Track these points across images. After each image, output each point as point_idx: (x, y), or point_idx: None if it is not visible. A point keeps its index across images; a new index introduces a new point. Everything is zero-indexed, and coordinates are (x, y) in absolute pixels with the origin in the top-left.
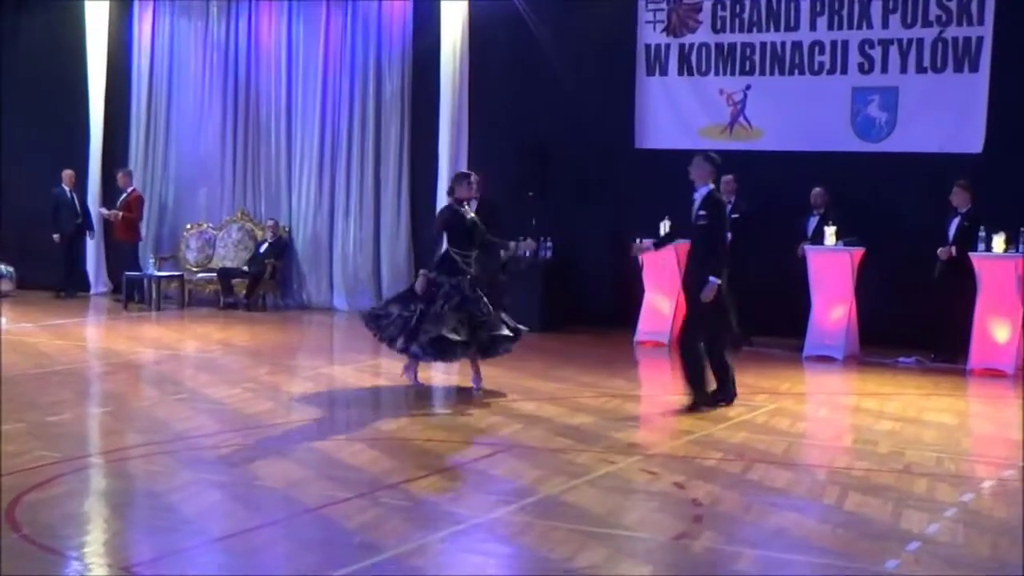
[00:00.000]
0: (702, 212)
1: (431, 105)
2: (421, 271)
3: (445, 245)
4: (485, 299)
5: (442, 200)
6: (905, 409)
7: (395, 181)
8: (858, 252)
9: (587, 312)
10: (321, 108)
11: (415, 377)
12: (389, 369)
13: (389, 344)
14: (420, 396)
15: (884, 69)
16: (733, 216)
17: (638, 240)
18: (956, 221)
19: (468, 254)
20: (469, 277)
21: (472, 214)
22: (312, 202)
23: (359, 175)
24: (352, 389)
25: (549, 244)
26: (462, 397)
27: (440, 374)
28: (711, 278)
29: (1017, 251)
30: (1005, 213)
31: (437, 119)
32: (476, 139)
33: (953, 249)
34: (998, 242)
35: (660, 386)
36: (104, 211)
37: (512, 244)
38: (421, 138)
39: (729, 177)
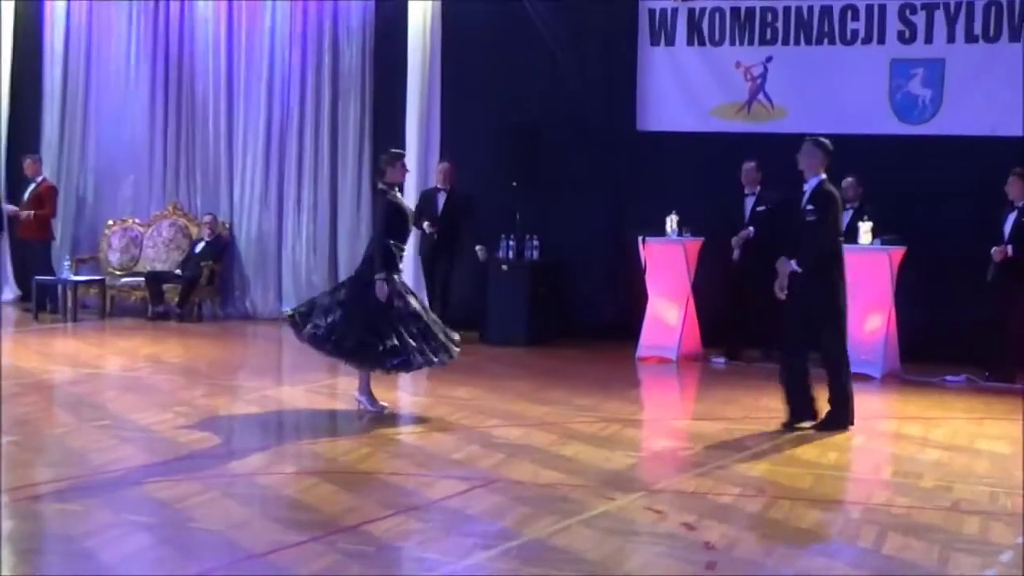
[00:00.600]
0: (810, 206)
1: (397, 81)
2: (376, 276)
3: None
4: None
5: (410, 191)
6: (953, 436)
7: (354, 170)
8: (898, 252)
9: (581, 323)
10: (267, 84)
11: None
12: (348, 390)
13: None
14: (384, 422)
15: (928, 38)
16: (759, 209)
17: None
18: (1012, 216)
19: (404, 248)
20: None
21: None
22: (257, 194)
23: (312, 163)
24: (304, 413)
25: (535, 243)
26: (434, 423)
27: (407, 395)
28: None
29: None
30: None
31: (404, 97)
32: (450, 120)
33: (1009, 248)
34: None
35: (666, 409)
36: (9, 208)
37: (478, 248)
38: (385, 119)
39: (751, 164)
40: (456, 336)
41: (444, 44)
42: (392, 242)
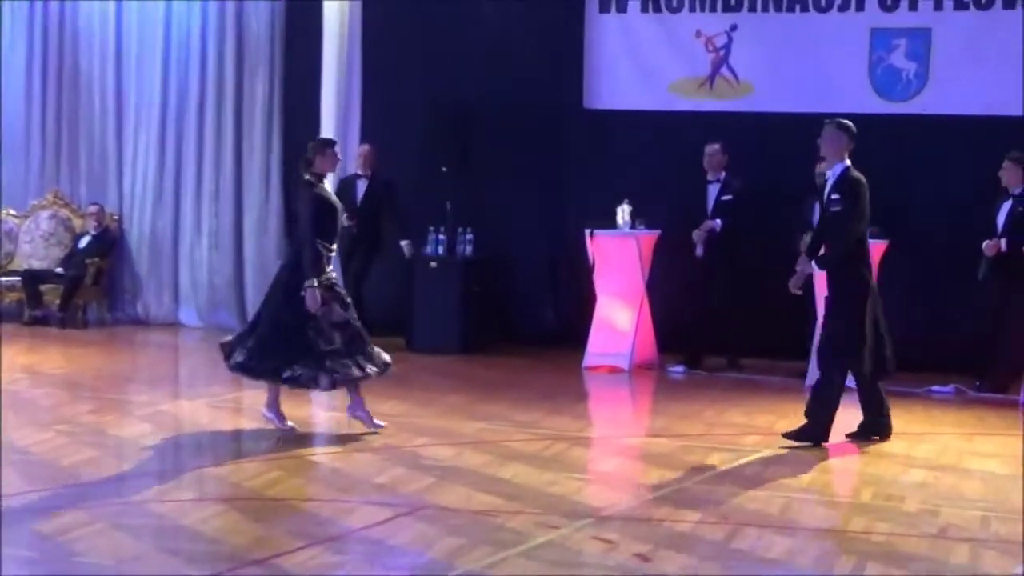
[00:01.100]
0: (835, 196)
1: (311, 53)
2: (307, 283)
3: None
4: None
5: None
6: (941, 454)
7: (262, 155)
8: (879, 246)
9: (521, 328)
10: (163, 57)
11: (280, 419)
12: (255, 405)
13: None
14: (297, 442)
15: (913, 5)
16: (724, 198)
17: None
18: (1007, 206)
19: (333, 248)
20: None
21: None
22: (151, 183)
23: (214, 147)
24: (205, 432)
25: (469, 237)
26: (353, 442)
27: (323, 411)
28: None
29: None
30: None
31: (319, 72)
32: (371, 97)
33: (1003, 242)
34: None
35: (617, 425)
36: None
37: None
38: (298, 97)
39: (715, 147)
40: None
41: (365, 10)
42: (322, 242)
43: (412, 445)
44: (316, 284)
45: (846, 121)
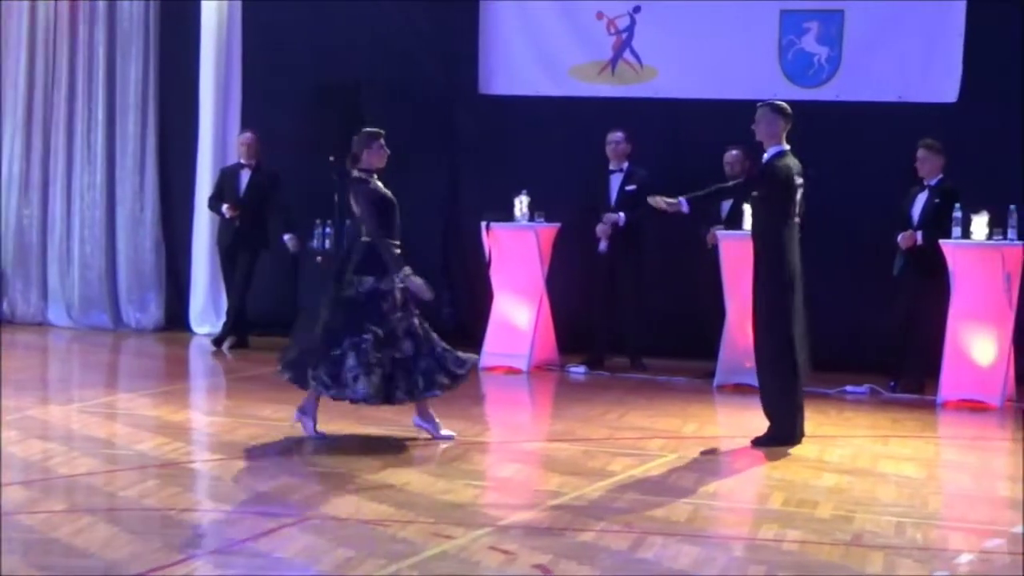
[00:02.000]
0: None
1: (188, 34)
2: (401, 278)
3: (368, 237)
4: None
5: (206, 167)
6: (855, 458)
7: (137, 141)
8: None
9: None
10: (29, 34)
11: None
12: (129, 409)
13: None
14: (176, 448)
15: None
16: (628, 189)
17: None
18: (923, 197)
19: (399, 245)
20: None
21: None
22: (16, 174)
23: (85, 132)
24: (77, 438)
25: None
26: (236, 448)
27: (202, 415)
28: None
29: (1005, 237)
30: (988, 185)
31: (197, 54)
32: (253, 82)
33: (919, 235)
34: (979, 225)
35: (516, 429)
36: None
37: (287, 237)
38: (174, 81)
39: (618, 135)
40: (462, 358)
41: None
42: (392, 241)
43: (297, 452)
44: (409, 272)
45: (780, 102)
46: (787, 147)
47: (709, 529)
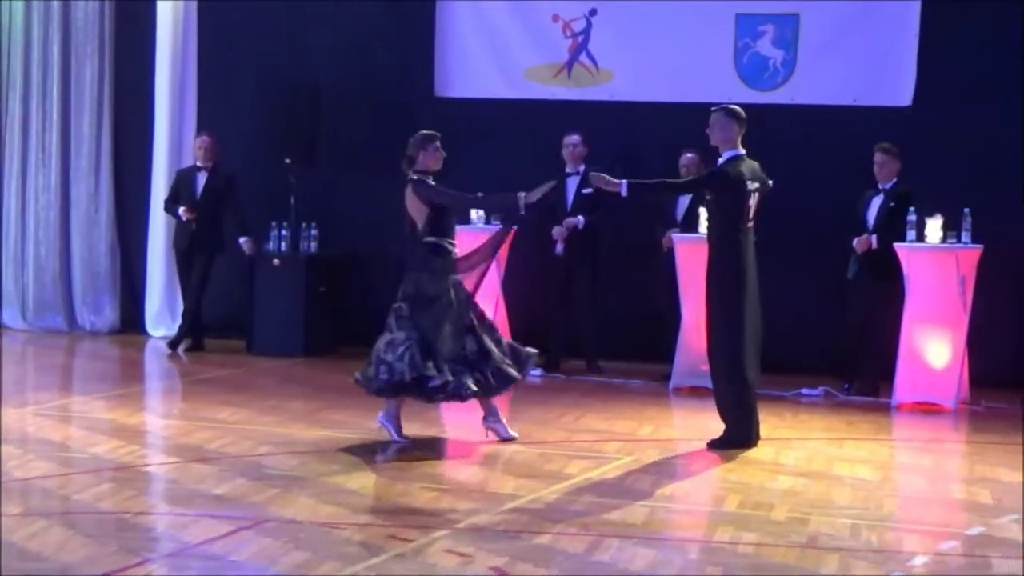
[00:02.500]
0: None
1: (144, 34)
2: (521, 200)
3: (427, 236)
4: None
5: (162, 169)
6: (809, 460)
7: (92, 141)
8: None
9: (369, 329)
10: None
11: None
12: (84, 412)
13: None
14: (131, 451)
15: None
16: (584, 192)
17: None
18: (878, 200)
19: (454, 244)
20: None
21: None
22: None
23: (39, 131)
24: (32, 440)
25: (314, 233)
26: (191, 451)
27: (156, 418)
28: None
29: (959, 240)
30: (942, 188)
31: (152, 54)
32: (209, 84)
33: (874, 239)
34: (933, 228)
35: (472, 432)
36: None
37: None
38: (129, 82)
39: (575, 138)
40: (528, 351)
41: None
42: (448, 240)
43: (254, 454)
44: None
45: (735, 107)
46: (742, 151)
47: (665, 532)
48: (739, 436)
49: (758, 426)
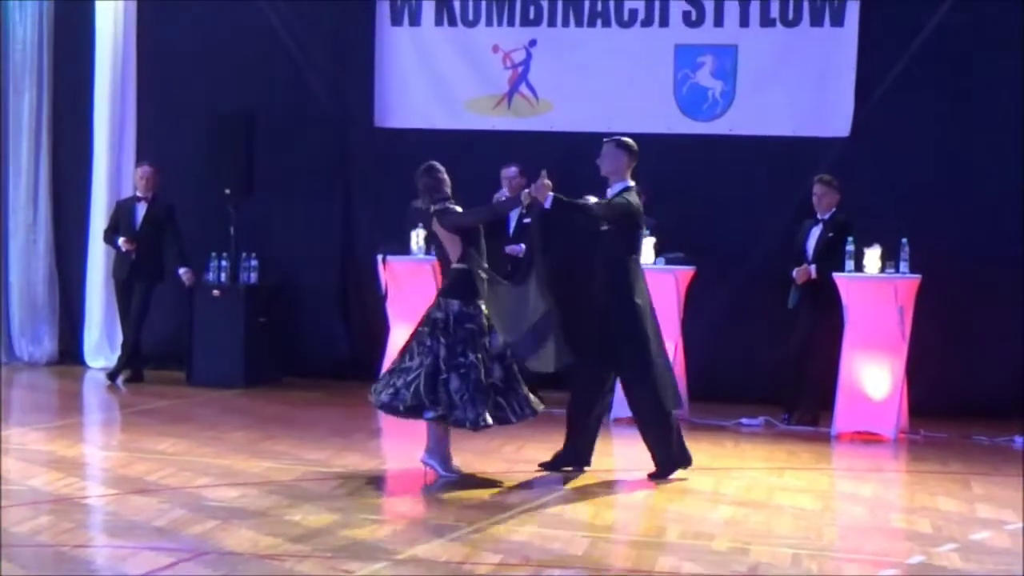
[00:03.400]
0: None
1: (82, 65)
2: (529, 195)
3: (458, 263)
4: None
5: (101, 199)
6: (750, 490)
7: (30, 173)
8: (685, 273)
9: (310, 359)
10: None
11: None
12: (22, 444)
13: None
14: (69, 483)
15: (718, 21)
16: (525, 221)
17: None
18: (817, 230)
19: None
20: None
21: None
22: None
23: None
24: None
25: (254, 262)
26: (130, 483)
27: (96, 449)
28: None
29: (897, 270)
30: (881, 219)
31: (91, 85)
32: (148, 113)
33: (813, 269)
34: (872, 258)
35: (413, 463)
36: None
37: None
38: (67, 112)
39: (513, 170)
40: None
41: (140, 17)
42: (473, 265)
43: (193, 486)
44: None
45: (626, 139)
46: (632, 183)
47: (606, 562)
48: (670, 461)
49: (684, 444)
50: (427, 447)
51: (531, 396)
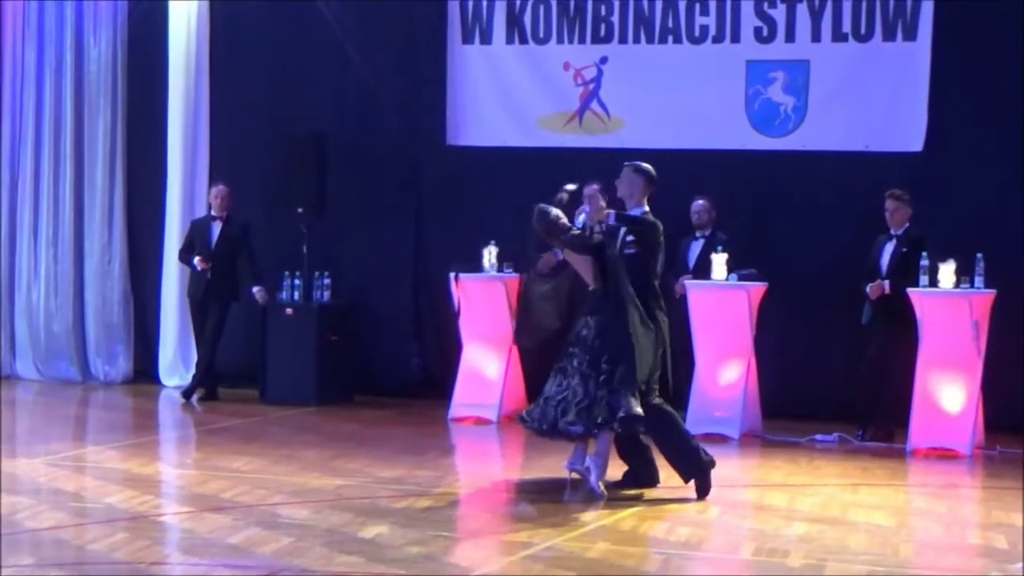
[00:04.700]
0: (630, 238)
1: (156, 87)
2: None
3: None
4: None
5: (175, 219)
6: (825, 506)
7: (105, 194)
8: (758, 290)
9: (382, 378)
10: None
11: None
12: (98, 462)
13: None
14: (144, 500)
15: (790, 36)
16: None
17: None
18: (891, 246)
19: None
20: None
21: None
22: None
23: (51, 185)
24: (44, 491)
25: (327, 281)
26: (205, 500)
27: (170, 467)
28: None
29: (972, 285)
30: (955, 234)
31: (165, 107)
32: (221, 134)
33: (887, 284)
34: (946, 273)
35: (486, 480)
36: None
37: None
38: (141, 134)
39: (595, 188)
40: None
41: (212, 42)
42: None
43: (268, 504)
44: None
45: (645, 165)
46: (647, 209)
47: None
48: (696, 473)
49: (700, 452)
50: (588, 452)
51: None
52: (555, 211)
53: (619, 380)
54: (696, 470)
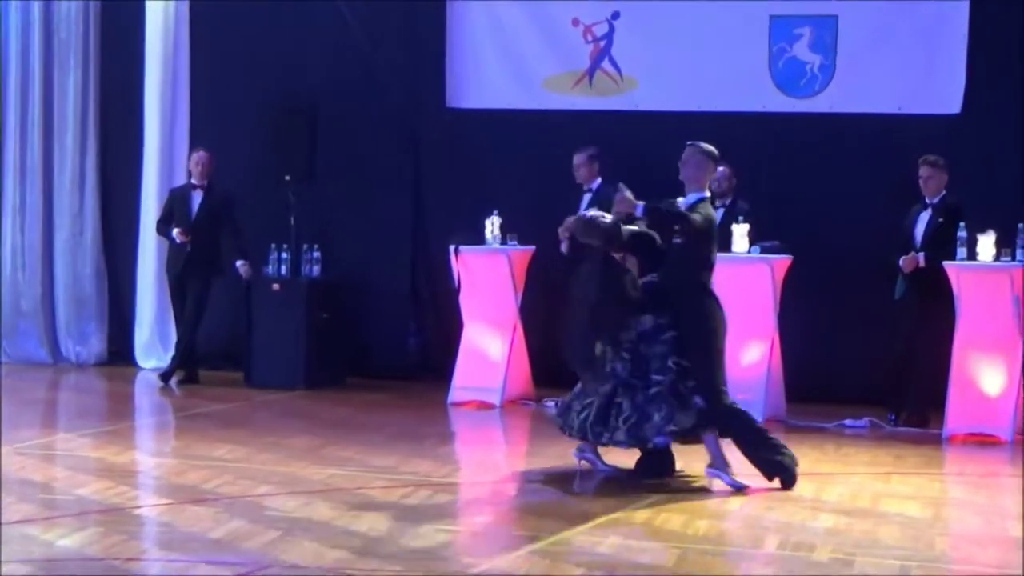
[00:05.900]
0: (677, 226)
1: (131, 45)
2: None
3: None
4: None
5: (152, 187)
6: (854, 496)
7: (76, 159)
8: (782, 263)
9: (377, 358)
10: None
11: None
12: (69, 450)
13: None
14: (120, 493)
15: None
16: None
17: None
18: (926, 216)
19: None
20: None
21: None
22: None
23: (17, 149)
24: (11, 483)
25: (316, 255)
26: (185, 492)
27: (147, 456)
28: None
29: (1013, 258)
30: (995, 202)
31: (141, 65)
32: (202, 96)
33: (921, 257)
34: (985, 245)
35: (488, 469)
36: None
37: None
38: (116, 93)
39: (581, 157)
40: None
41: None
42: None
43: (253, 495)
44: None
45: (711, 147)
46: (707, 194)
47: (698, 574)
48: (785, 470)
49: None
50: (712, 463)
51: None
52: (593, 212)
53: (696, 377)
54: (779, 467)
